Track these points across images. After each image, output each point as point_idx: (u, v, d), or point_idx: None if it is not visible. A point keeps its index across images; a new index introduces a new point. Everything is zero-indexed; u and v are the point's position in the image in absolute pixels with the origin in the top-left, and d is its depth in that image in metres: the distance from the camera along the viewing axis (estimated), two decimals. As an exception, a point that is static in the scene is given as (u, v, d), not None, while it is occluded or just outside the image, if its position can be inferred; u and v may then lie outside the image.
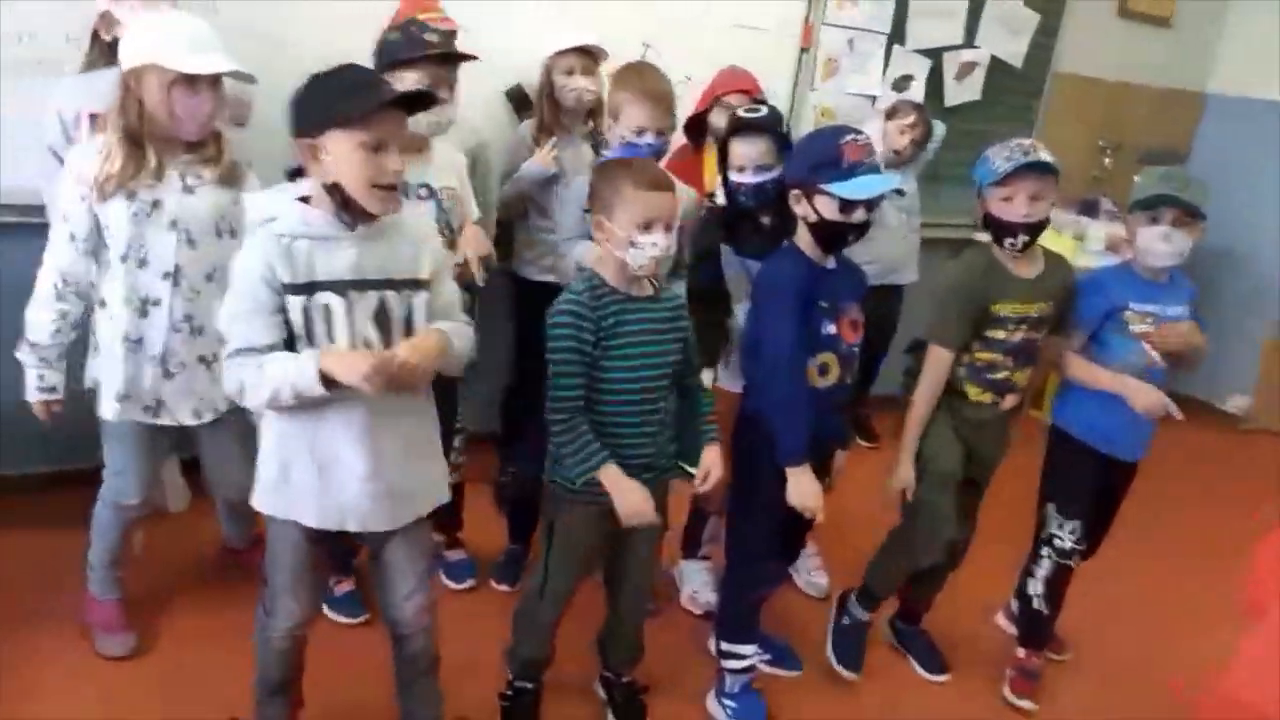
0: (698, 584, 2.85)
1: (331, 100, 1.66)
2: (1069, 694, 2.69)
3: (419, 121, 2.09)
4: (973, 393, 2.39)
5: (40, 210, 2.37)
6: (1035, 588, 2.60)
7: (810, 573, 3.04)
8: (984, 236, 2.41)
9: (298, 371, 1.66)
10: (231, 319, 1.71)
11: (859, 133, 2.15)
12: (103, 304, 2.17)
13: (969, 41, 4.23)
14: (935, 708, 2.61)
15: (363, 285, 1.74)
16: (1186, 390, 5.00)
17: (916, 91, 4.06)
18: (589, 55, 3.03)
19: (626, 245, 1.94)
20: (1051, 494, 2.57)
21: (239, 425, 2.31)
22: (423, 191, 2.35)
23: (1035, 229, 2.31)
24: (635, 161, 2.09)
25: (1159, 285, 2.45)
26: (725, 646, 2.37)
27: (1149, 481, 2.64)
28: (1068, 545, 2.54)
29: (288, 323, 1.70)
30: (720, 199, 3.14)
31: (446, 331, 1.82)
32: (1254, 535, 1.53)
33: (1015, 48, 4.38)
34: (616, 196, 1.95)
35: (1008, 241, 2.31)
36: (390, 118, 1.69)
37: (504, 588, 2.78)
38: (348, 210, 1.71)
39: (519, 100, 3.32)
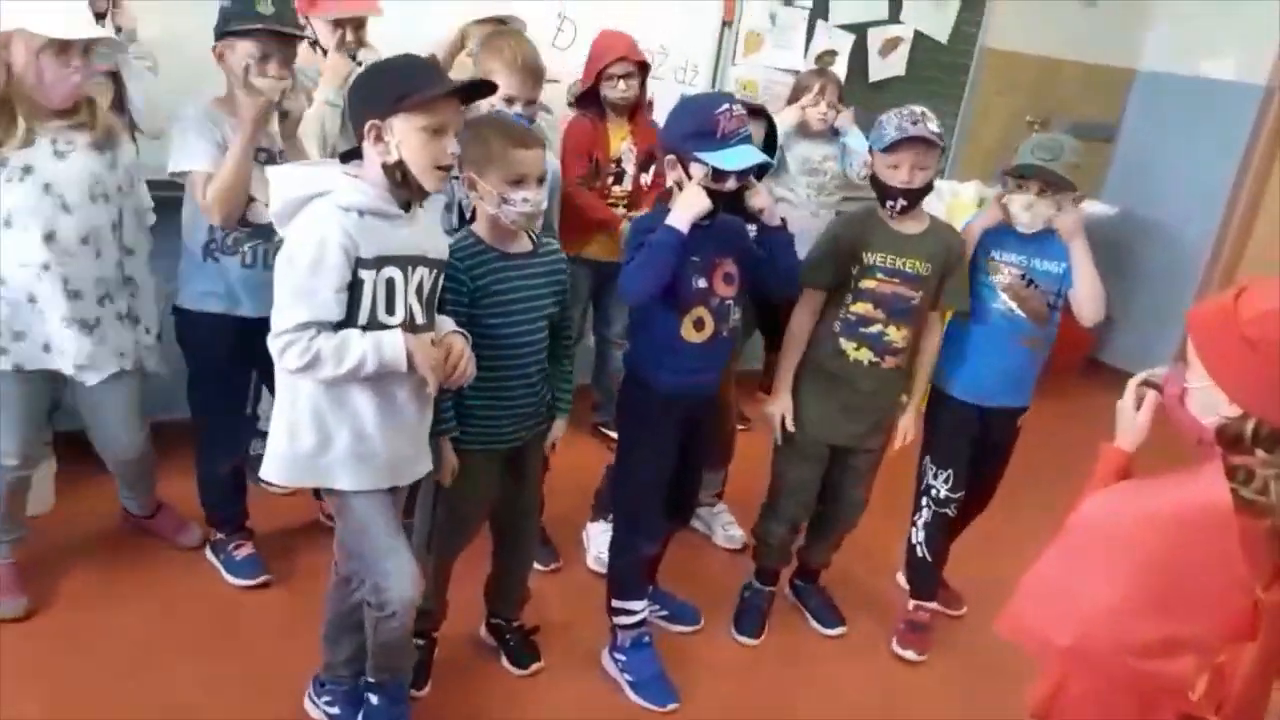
0: (603, 546, 2.90)
1: (398, 86, 1.76)
2: (962, 650, 2.75)
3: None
4: (849, 349, 2.45)
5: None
6: (917, 536, 2.72)
7: (725, 527, 3.12)
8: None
9: (391, 349, 1.78)
10: (298, 293, 1.74)
11: (735, 102, 2.19)
12: None
13: (894, 17, 4.27)
14: (827, 659, 2.69)
15: (415, 261, 1.85)
16: (1111, 361, 5.12)
17: (840, 67, 4.11)
18: (504, 25, 3.05)
19: (499, 202, 1.99)
20: (927, 446, 2.69)
21: (130, 386, 2.37)
22: (262, 156, 2.35)
23: (915, 194, 2.40)
24: (501, 120, 2.14)
25: (1029, 239, 2.52)
26: (615, 603, 2.42)
27: (1058, 448, 2.71)
28: (943, 494, 2.65)
29: (351, 297, 1.78)
30: (627, 165, 3.25)
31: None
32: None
33: (941, 23, 4.42)
34: (486, 155, 2.00)
35: (888, 203, 2.41)
36: (450, 104, 1.81)
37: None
38: (405, 189, 1.81)
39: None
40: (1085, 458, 1.64)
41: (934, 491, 2.65)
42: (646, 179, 3.31)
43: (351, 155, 1.86)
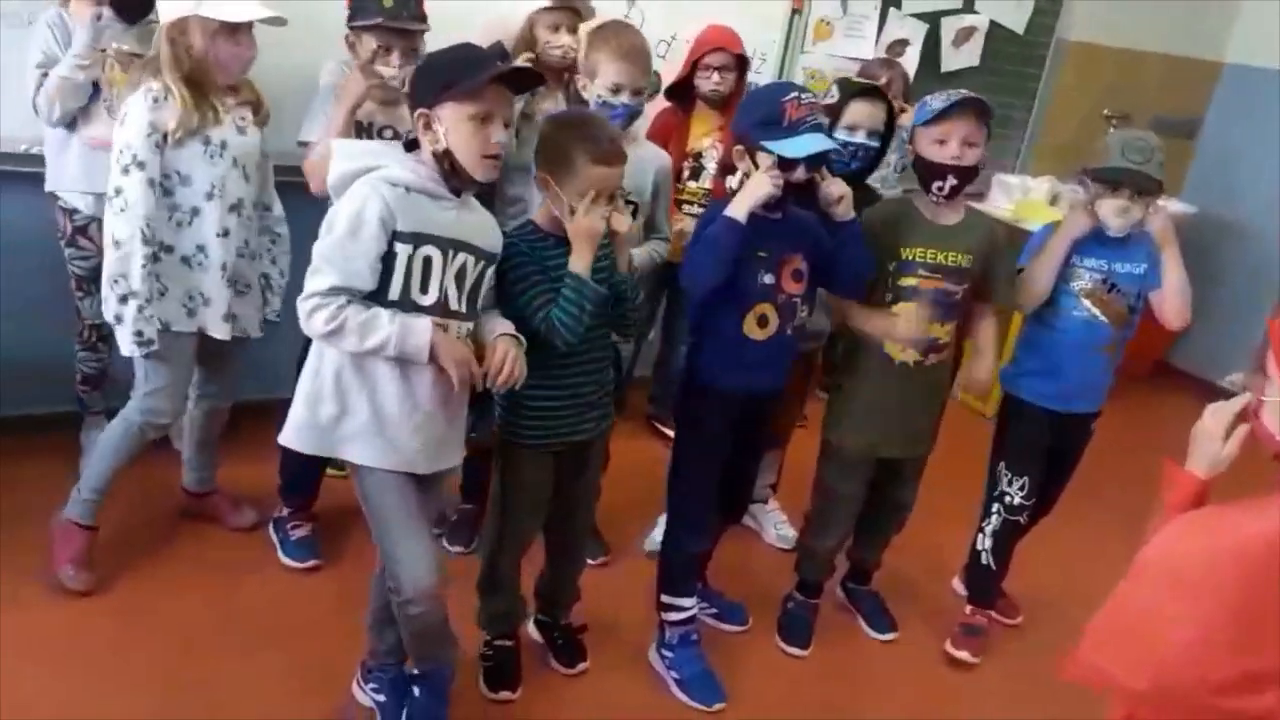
0: None
1: (445, 75, 1.80)
2: (1016, 657, 2.69)
3: None
4: (895, 350, 2.38)
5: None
6: (984, 543, 2.65)
7: (776, 526, 3.08)
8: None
9: (416, 335, 1.79)
10: (332, 257, 1.76)
11: (804, 90, 2.14)
12: (169, 250, 2.30)
13: (968, 6, 4.16)
14: (878, 664, 2.64)
15: (458, 246, 1.86)
16: (1183, 365, 4.95)
17: (911, 58, 4.02)
18: (574, 12, 3.02)
19: (568, 212, 1.96)
20: (1002, 453, 2.61)
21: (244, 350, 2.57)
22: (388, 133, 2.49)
23: (964, 174, 2.28)
24: (590, 126, 2.05)
25: (1113, 243, 2.43)
26: (665, 599, 2.40)
27: (1124, 455, 2.63)
28: (1016, 501, 2.58)
29: (384, 270, 1.79)
30: (708, 161, 3.19)
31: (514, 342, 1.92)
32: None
33: (1018, 14, 4.30)
34: (565, 164, 1.95)
35: (935, 185, 2.30)
36: (498, 92, 1.83)
37: (457, 549, 2.78)
38: (455, 177, 1.84)
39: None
40: (1152, 467, 1.56)
41: (1007, 498, 2.59)
42: (733, 181, 3.22)
43: (414, 145, 1.87)
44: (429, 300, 1.84)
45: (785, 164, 2.06)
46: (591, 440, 2.21)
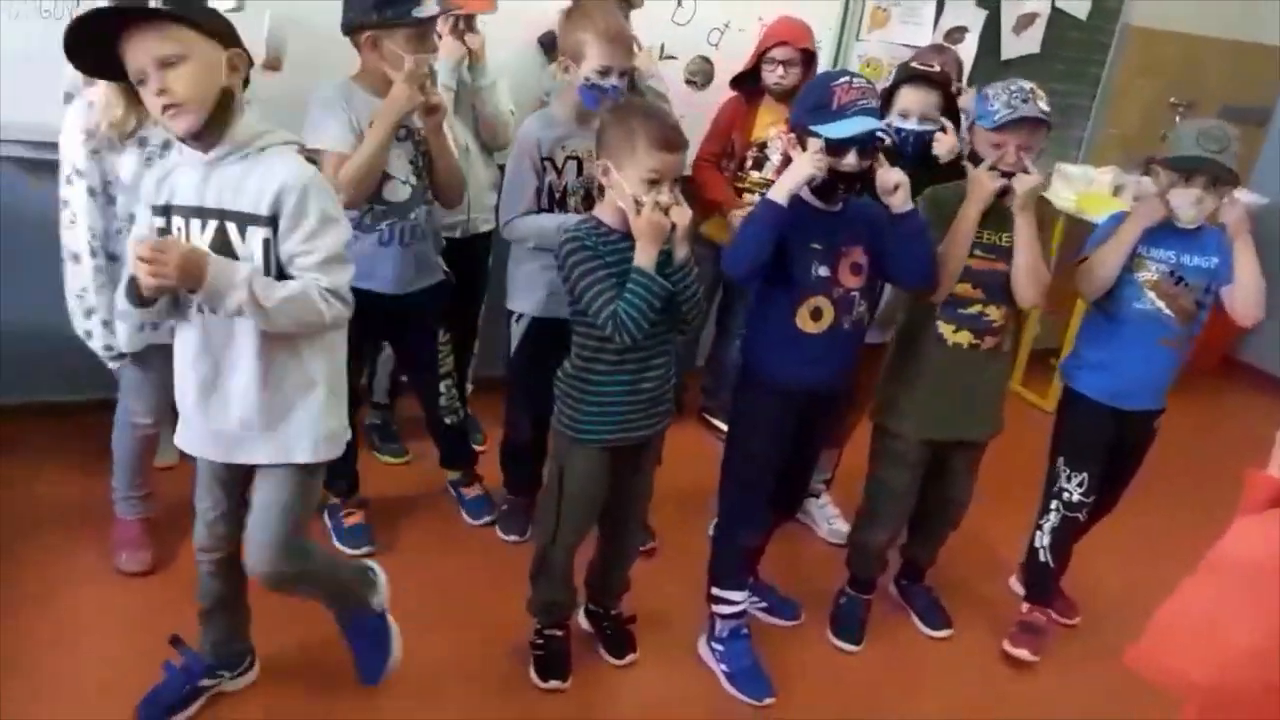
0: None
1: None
2: (1073, 659, 2.63)
3: None
4: (948, 332, 2.33)
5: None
6: (1042, 539, 2.60)
7: (830, 521, 3.05)
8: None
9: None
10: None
11: (857, 75, 2.10)
12: (113, 259, 2.19)
13: (1030, -9, 4.07)
14: (932, 662, 2.60)
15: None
16: (1253, 361, 4.80)
17: (969, 45, 3.94)
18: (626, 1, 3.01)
19: (630, 200, 1.94)
20: (1061, 448, 2.56)
21: None
22: (401, 133, 2.38)
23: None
24: (652, 112, 2.06)
25: (1182, 232, 2.36)
26: (715, 592, 2.38)
27: (1189, 452, 2.56)
28: (1075, 498, 2.52)
29: None
30: (772, 152, 3.16)
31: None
32: None
33: (1080, -1, 4.20)
34: (629, 151, 1.95)
35: None
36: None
37: (513, 538, 2.80)
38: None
39: (551, 48, 3.33)
40: (1220, 465, 1.52)
41: (1066, 495, 2.53)
42: (769, 172, 3.18)
43: None
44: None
45: (834, 148, 2.02)
46: (650, 437, 2.19)
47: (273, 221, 1.69)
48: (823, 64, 3.76)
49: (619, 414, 2.09)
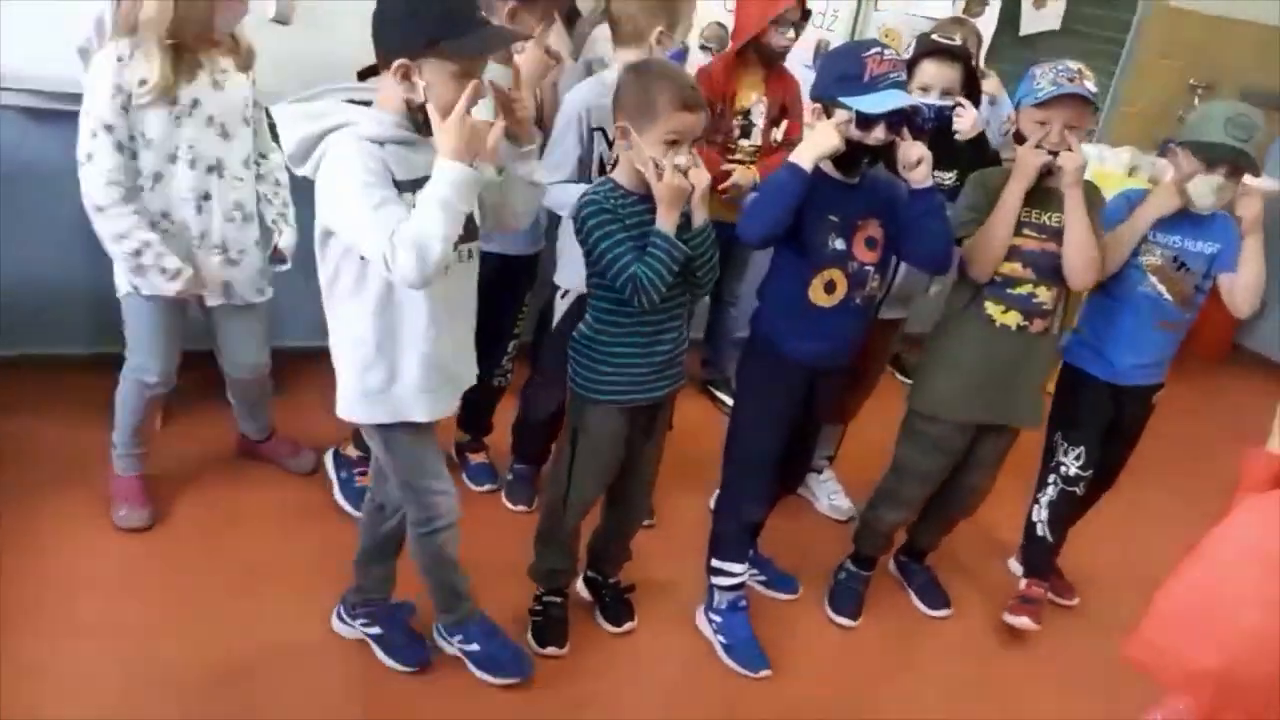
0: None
1: (436, 27, 1.66)
2: (1070, 638, 2.64)
3: None
4: (997, 313, 2.30)
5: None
6: (1040, 514, 2.60)
7: (831, 496, 3.05)
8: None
9: (454, 174, 1.65)
10: (369, 217, 1.65)
11: (886, 47, 2.06)
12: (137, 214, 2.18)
13: (1052, -35, 4.00)
14: (928, 640, 2.60)
15: None
16: (1255, 347, 4.79)
17: (989, 18, 3.88)
18: None
19: (649, 164, 1.90)
20: (1058, 421, 2.55)
21: (261, 311, 2.47)
22: None
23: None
24: (671, 71, 2.00)
25: (1191, 218, 2.34)
26: (715, 563, 2.38)
27: (1189, 438, 2.54)
28: (1072, 471, 2.52)
29: None
30: (756, 118, 3.11)
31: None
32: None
33: (1104, -25, 4.13)
34: (648, 110, 1.90)
35: None
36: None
37: (520, 508, 2.78)
38: (426, 128, 1.71)
39: (568, 10, 3.27)
40: (1219, 449, 1.50)
41: (1063, 469, 2.53)
42: (778, 134, 3.13)
43: (370, 72, 1.77)
44: None
45: (863, 122, 1.99)
46: (663, 401, 2.18)
47: None
48: (840, 34, 3.72)
49: (634, 375, 2.07)
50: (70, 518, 2.44)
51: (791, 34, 3.03)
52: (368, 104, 1.74)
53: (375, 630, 2.18)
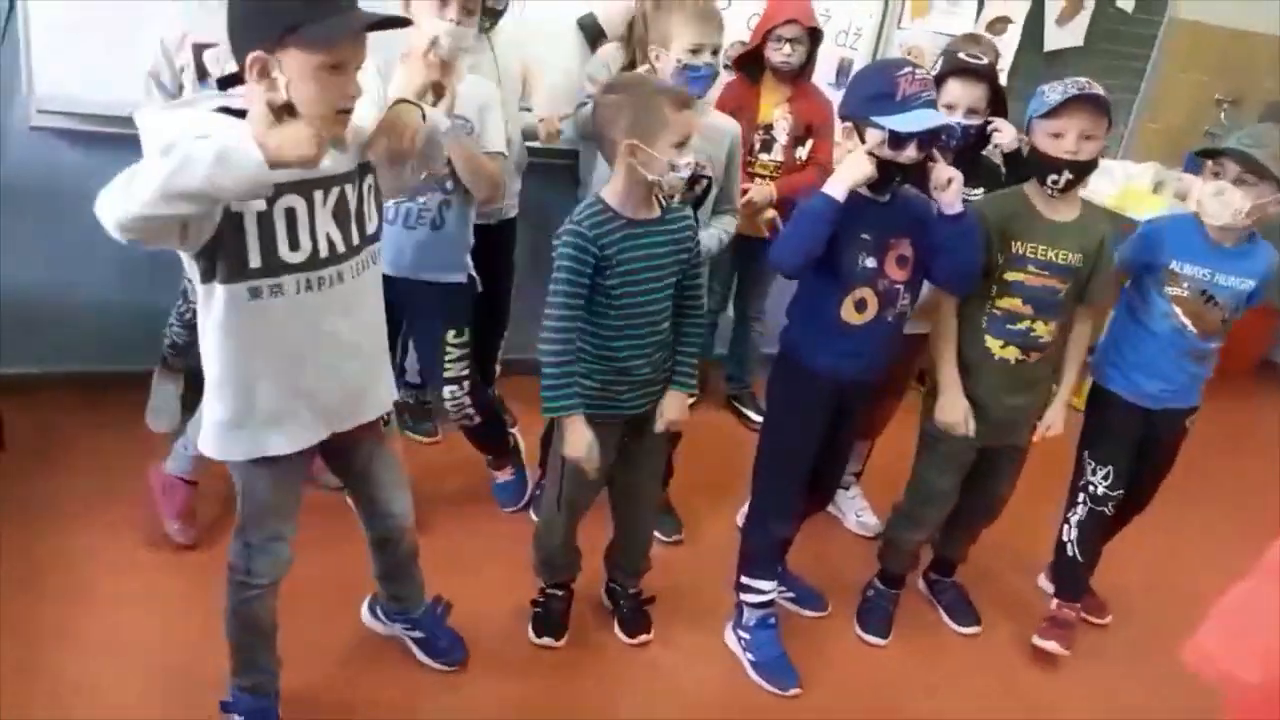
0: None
1: (292, 13, 1.44)
2: (1103, 658, 2.62)
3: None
4: (995, 347, 2.30)
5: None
6: (1069, 534, 2.58)
7: (858, 513, 3.04)
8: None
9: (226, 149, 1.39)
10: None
11: (917, 66, 2.07)
12: None
13: (1076, -18, 4.01)
14: (958, 659, 2.58)
15: (320, 184, 1.61)
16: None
17: (1012, 35, 3.89)
18: None
19: (666, 169, 1.93)
20: (1087, 441, 2.55)
21: None
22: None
23: (1081, 169, 2.19)
24: (652, 80, 2.09)
25: (1221, 249, 2.31)
26: (744, 580, 2.38)
27: (1222, 454, 2.53)
28: (1100, 491, 2.51)
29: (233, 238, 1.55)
30: (779, 134, 3.13)
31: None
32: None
33: (1127, -10, 4.13)
34: (658, 120, 1.93)
35: (1050, 179, 2.20)
36: (354, 36, 1.51)
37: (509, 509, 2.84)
38: None
39: (592, 31, 3.31)
40: (1253, 466, 1.49)
41: (1091, 488, 2.51)
42: (803, 153, 3.16)
43: (234, 80, 1.53)
44: (300, 257, 1.60)
45: (895, 141, 1.99)
46: (648, 414, 2.18)
47: None
48: (863, 52, 3.74)
49: (610, 393, 2.09)
50: (104, 538, 2.46)
51: (787, 50, 3.05)
52: (243, 114, 1.53)
53: (417, 634, 2.23)
